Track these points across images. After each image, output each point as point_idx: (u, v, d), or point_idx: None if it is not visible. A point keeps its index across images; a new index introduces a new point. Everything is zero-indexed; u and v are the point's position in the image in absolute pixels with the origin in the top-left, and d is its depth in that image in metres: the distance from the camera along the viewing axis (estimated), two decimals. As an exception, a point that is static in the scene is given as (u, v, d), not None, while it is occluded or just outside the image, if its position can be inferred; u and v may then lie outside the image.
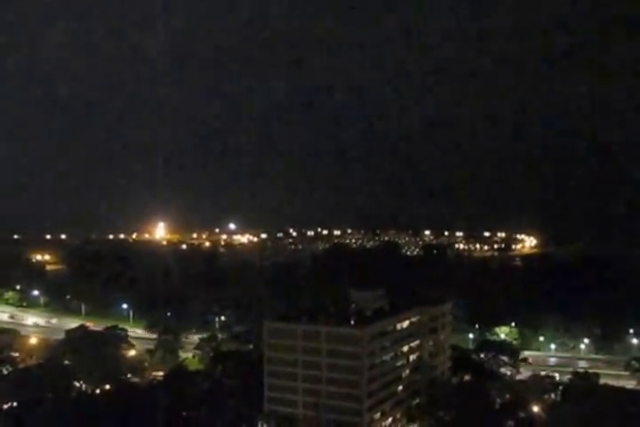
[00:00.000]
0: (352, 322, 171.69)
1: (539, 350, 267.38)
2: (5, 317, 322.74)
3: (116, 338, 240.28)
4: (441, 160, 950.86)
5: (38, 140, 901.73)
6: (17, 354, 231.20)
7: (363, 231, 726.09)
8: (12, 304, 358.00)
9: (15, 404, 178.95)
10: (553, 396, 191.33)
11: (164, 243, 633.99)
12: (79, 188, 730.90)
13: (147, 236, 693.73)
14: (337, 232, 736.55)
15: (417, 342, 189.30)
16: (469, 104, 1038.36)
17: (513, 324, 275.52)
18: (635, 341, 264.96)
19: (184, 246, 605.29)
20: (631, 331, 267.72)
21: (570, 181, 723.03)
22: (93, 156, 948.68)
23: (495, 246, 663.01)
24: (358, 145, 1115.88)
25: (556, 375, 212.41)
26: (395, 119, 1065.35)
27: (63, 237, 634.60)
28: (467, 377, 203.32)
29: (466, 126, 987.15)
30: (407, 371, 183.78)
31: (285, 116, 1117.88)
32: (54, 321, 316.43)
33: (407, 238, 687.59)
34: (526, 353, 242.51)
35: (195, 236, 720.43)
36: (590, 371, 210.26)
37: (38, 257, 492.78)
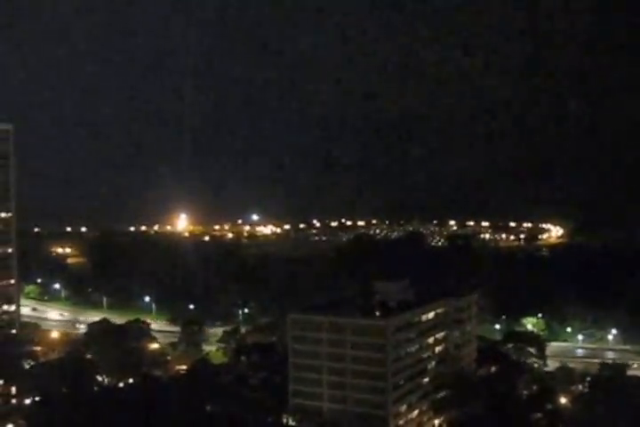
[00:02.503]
0: (377, 314, 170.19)
1: (566, 341, 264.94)
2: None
3: (139, 331, 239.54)
4: (466, 150, 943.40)
5: (60, 131, 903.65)
6: (39, 348, 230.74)
7: (387, 222, 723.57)
8: (33, 298, 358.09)
9: (38, 398, 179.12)
10: (581, 387, 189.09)
11: (187, 235, 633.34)
12: (100, 180, 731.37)
13: (169, 227, 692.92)
14: (361, 223, 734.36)
15: (443, 334, 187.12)
16: (493, 94, 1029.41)
17: (540, 315, 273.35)
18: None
19: (206, 238, 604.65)
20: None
21: (598, 170, 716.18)
22: (115, 148, 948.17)
23: (521, 236, 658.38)
24: (382, 134, 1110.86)
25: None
26: (418, 108, 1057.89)
27: (84, 229, 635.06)
28: (493, 369, 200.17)
29: (490, 116, 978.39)
30: (433, 363, 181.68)
31: (304, 108, 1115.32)
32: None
33: (432, 229, 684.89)
34: (553, 344, 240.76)
35: (217, 227, 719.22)
36: (618, 362, 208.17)
37: (59, 250, 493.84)
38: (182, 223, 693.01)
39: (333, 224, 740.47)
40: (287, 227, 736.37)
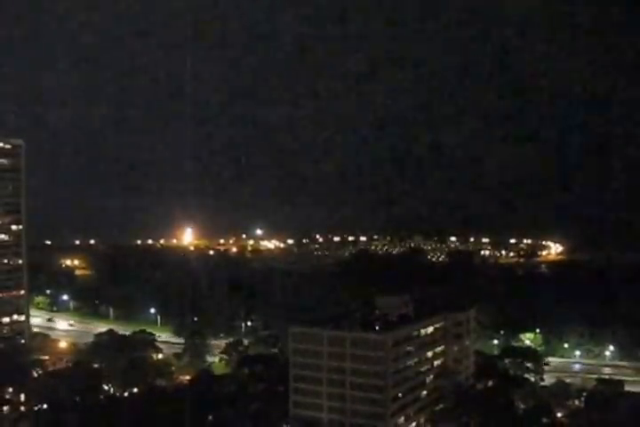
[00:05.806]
0: (377, 328, 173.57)
1: (563, 356, 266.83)
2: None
3: (144, 342, 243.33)
4: (467, 168, 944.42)
5: (67, 144, 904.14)
6: (47, 357, 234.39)
7: (389, 237, 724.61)
8: (42, 309, 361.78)
9: (45, 406, 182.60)
10: (577, 402, 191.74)
11: (192, 248, 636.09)
12: (108, 193, 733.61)
13: (174, 241, 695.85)
14: (363, 238, 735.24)
15: (441, 348, 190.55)
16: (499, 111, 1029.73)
17: (538, 330, 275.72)
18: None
19: (211, 252, 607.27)
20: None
21: (598, 187, 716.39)
22: (122, 161, 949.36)
23: (521, 253, 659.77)
24: (387, 151, 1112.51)
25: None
26: (423, 127, 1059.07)
27: (92, 242, 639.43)
28: (491, 383, 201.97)
29: (489, 133, 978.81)
30: (431, 376, 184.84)
31: (311, 123, 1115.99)
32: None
33: (433, 245, 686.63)
34: (550, 359, 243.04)
35: (222, 241, 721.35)
36: (615, 378, 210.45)
37: (68, 262, 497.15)
38: (188, 237, 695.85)
39: (336, 239, 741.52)
40: (290, 242, 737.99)
